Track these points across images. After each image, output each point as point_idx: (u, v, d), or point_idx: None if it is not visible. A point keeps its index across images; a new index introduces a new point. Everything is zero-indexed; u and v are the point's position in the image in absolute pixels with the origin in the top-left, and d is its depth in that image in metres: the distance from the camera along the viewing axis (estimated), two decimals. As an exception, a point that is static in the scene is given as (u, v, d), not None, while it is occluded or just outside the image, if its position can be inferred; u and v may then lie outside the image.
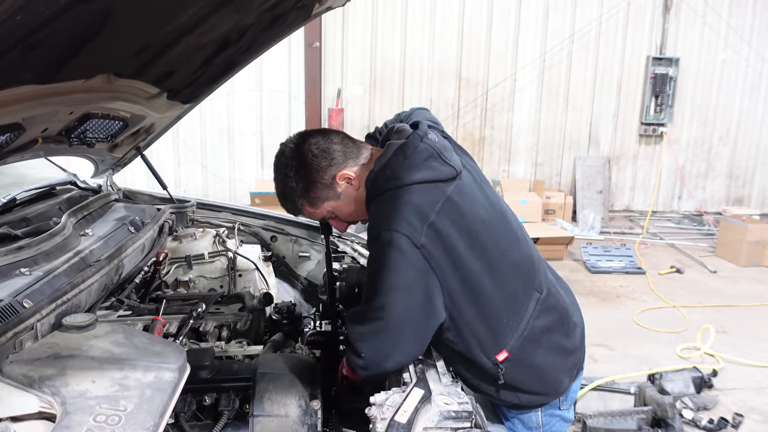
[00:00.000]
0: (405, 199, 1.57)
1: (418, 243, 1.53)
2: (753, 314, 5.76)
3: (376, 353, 1.58)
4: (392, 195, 1.60)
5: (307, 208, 1.77)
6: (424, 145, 1.64)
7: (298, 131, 1.82)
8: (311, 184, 1.70)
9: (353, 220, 1.84)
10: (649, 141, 9.66)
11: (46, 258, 1.81)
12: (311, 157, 1.70)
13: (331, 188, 1.71)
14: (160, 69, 1.95)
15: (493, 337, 1.68)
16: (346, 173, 1.70)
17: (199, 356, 1.70)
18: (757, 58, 9.47)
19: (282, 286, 3.02)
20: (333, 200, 1.74)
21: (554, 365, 1.79)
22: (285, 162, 1.74)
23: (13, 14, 0.90)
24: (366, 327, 1.58)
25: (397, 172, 1.61)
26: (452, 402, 1.41)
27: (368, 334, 1.58)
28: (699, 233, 8.88)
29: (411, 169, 1.60)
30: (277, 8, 1.90)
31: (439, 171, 1.62)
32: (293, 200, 1.75)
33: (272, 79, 8.78)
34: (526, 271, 1.74)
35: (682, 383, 4.02)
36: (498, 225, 1.71)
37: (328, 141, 1.72)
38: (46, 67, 1.38)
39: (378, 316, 1.55)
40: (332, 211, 1.77)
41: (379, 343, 1.57)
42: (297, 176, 1.70)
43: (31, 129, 1.69)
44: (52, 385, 1.23)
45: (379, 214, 1.61)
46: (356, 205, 1.76)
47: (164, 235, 2.55)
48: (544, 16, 9.08)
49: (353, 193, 1.73)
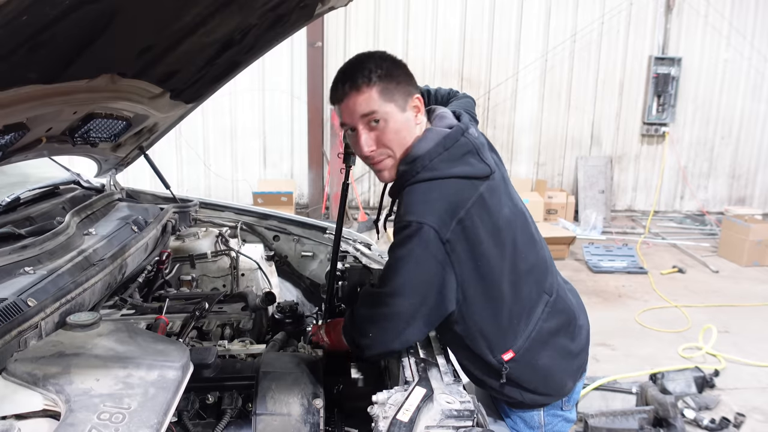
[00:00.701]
0: (439, 193, 1.57)
1: (444, 238, 1.53)
2: (755, 314, 5.75)
3: (382, 335, 1.63)
4: (427, 186, 1.58)
5: (375, 92, 1.59)
6: (465, 140, 1.64)
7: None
8: (397, 79, 1.62)
9: (387, 143, 1.65)
10: (652, 141, 9.65)
11: (50, 257, 1.82)
12: (407, 69, 1.68)
13: (405, 98, 1.64)
14: (164, 69, 1.96)
15: (501, 336, 1.69)
16: (420, 98, 1.69)
17: (202, 355, 1.71)
18: (759, 57, 9.46)
19: (284, 286, 3.03)
20: (398, 109, 1.62)
21: (559, 367, 1.80)
22: (379, 53, 1.67)
23: (18, 15, 0.91)
24: (377, 310, 1.63)
25: (435, 162, 1.59)
26: (454, 401, 1.41)
27: (378, 316, 1.62)
28: (701, 233, 8.88)
29: (449, 161, 1.60)
30: (279, 8, 1.91)
31: (475, 168, 1.62)
32: (371, 74, 1.60)
33: (275, 78, 8.79)
34: (539, 273, 1.75)
35: (683, 383, 4.03)
36: (519, 226, 1.71)
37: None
38: (50, 67, 1.39)
39: (391, 302, 1.59)
40: (388, 116, 1.61)
41: (387, 327, 1.62)
42: (391, 63, 1.64)
43: (35, 128, 1.70)
44: (56, 383, 1.23)
45: (411, 202, 1.58)
46: (402, 134, 1.64)
47: (167, 234, 2.56)
48: (546, 16, 9.08)
49: (412, 122, 1.66)
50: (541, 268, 1.76)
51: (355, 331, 1.70)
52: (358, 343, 1.70)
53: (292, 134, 9.06)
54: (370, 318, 1.65)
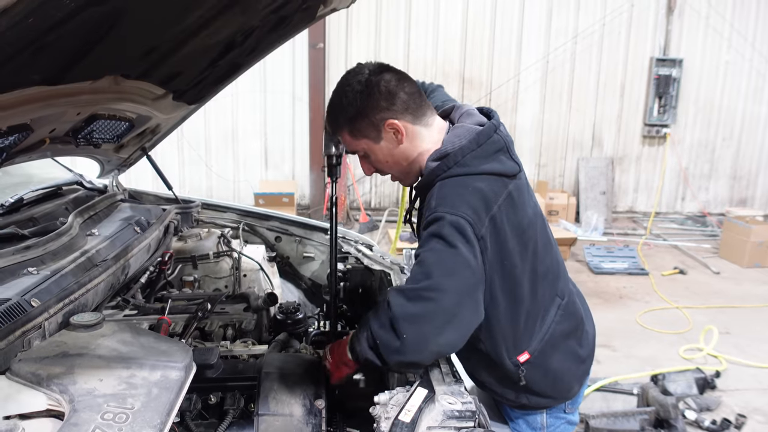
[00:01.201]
0: (473, 187, 1.57)
1: (479, 234, 1.51)
2: (756, 315, 5.75)
3: (418, 338, 1.46)
4: (461, 181, 1.59)
5: (346, 135, 1.71)
6: (498, 137, 1.65)
7: (382, 63, 1.73)
8: (362, 115, 1.65)
9: (383, 170, 1.78)
10: (653, 142, 9.65)
11: (53, 257, 1.82)
12: (376, 91, 1.64)
13: (375, 129, 1.66)
14: (167, 70, 1.97)
15: (519, 337, 1.70)
16: (396, 124, 1.65)
17: (205, 355, 1.71)
18: (760, 59, 9.46)
19: (286, 287, 3.03)
20: (373, 141, 1.69)
21: (569, 372, 1.82)
22: (353, 82, 1.67)
23: (24, 17, 0.92)
24: (417, 306, 1.46)
25: (468, 159, 1.60)
26: (456, 401, 1.42)
27: (418, 315, 1.46)
28: (702, 234, 8.88)
29: (482, 158, 1.61)
30: (282, 10, 1.91)
31: (506, 165, 1.63)
32: (337, 119, 1.71)
33: (276, 80, 8.80)
34: (554, 276, 1.77)
35: (684, 384, 4.03)
36: (539, 227, 1.72)
37: (400, 86, 1.66)
38: (55, 69, 1.40)
39: (432, 297, 1.46)
40: (367, 151, 1.72)
41: (426, 328, 1.46)
42: (354, 100, 1.65)
43: (38, 130, 1.71)
44: (60, 383, 1.24)
45: (445, 195, 1.57)
46: (392, 159, 1.72)
47: (170, 235, 2.56)
48: (547, 18, 9.08)
49: (394, 145, 1.69)
50: (555, 271, 1.78)
51: (383, 334, 1.50)
52: (386, 348, 1.50)
53: (294, 135, 9.07)
54: (408, 317, 1.46)
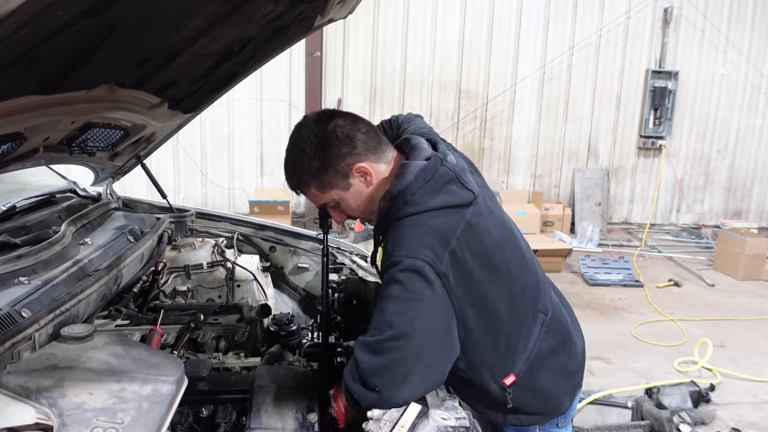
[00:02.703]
0: (427, 225, 1.52)
1: (440, 272, 1.47)
2: (751, 328, 5.75)
3: (392, 386, 1.44)
4: (414, 221, 1.54)
5: (313, 190, 1.64)
6: (444, 169, 1.58)
7: (324, 108, 1.69)
8: (326, 167, 1.59)
9: (355, 215, 1.73)
10: (648, 154, 9.69)
11: (45, 267, 1.81)
12: (334, 139, 1.58)
13: (344, 177, 1.61)
14: (162, 79, 1.96)
15: (502, 361, 1.65)
16: (363, 167, 1.61)
17: (197, 367, 1.70)
18: (755, 72, 9.53)
19: (280, 297, 3.02)
20: (342, 190, 1.64)
21: (558, 387, 1.78)
22: (306, 136, 1.59)
23: (18, 29, 0.91)
24: (382, 358, 1.44)
25: (417, 197, 1.55)
26: (450, 417, 1.41)
27: (385, 366, 1.44)
28: (697, 246, 8.89)
29: (431, 193, 1.55)
30: (279, 20, 1.91)
31: (459, 196, 1.58)
32: (300, 177, 1.63)
33: (273, 88, 8.81)
34: (533, 292, 1.72)
35: (679, 397, 4.02)
36: (509, 247, 1.68)
37: (355, 128, 1.61)
38: (49, 79, 1.39)
39: (397, 345, 1.44)
40: (337, 200, 1.67)
41: (396, 376, 1.45)
42: (314, 154, 1.57)
43: (32, 138, 1.70)
44: (49, 397, 1.22)
45: (399, 238, 1.53)
46: (363, 202, 1.67)
47: (163, 244, 2.55)
48: (544, 29, 9.13)
49: (364, 188, 1.65)
50: (535, 287, 1.73)
51: (358, 389, 1.47)
52: (365, 400, 1.47)
53: (290, 143, 9.06)
54: (376, 370, 1.44)
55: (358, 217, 1.76)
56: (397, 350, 1.44)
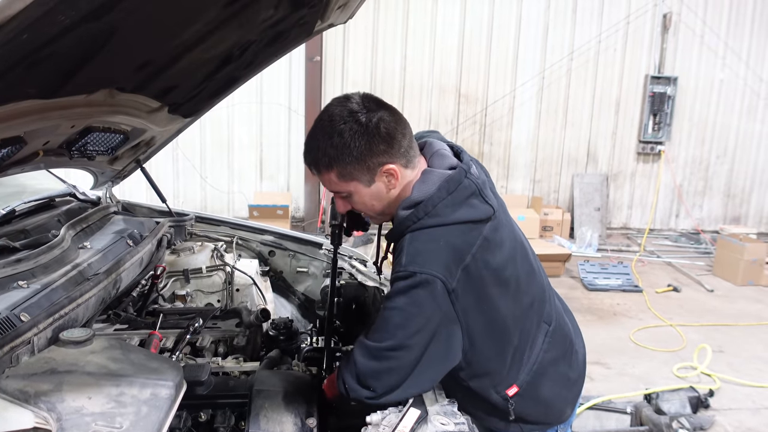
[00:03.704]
0: (444, 241, 1.49)
1: (450, 288, 1.46)
2: (750, 334, 5.75)
3: (387, 389, 1.50)
4: (432, 234, 1.50)
5: (333, 176, 1.55)
6: (468, 182, 1.56)
7: (370, 95, 1.57)
8: (358, 159, 1.51)
9: (363, 211, 1.67)
10: (647, 159, 9.70)
11: (44, 271, 1.80)
12: (376, 134, 1.50)
13: (370, 174, 1.54)
14: (162, 84, 1.96)
15: (506, 372, 1.64)
16: (393, 169, 1.54)
17: (196, 372, 1.69)
18: (754, 78, 9.54)
19: (279, 302, 3.01)
20: (363, 185, 1.56)
21: (560, 396, 1.78)
22: (347, 119, 1.50)
23: (19, 33, 0.91)
24: (382, 364, 1.49)
25: (439, 208, 1.52)
26: (449, 422, 1.41)
27: (383, 371, 1.49)
28: (696, 252, 8.89)
29: (454, 206, 1.52)
30: (279, 25, 1.92)
31: (479, 210, 1.55)
32: (325, 159, 1.53)
33: (273, 92, 8.82)
34: (539, 303, 1.71)
35: (678, 403, 4.01)
36: (519, 258, 1.66)
37: (398, 127, 1.55)
38: (49, 83, 1.39)
39: (396, 356, 1.48)
40: (352, 192, 1.59)
41: (392, 381, 1.50)
42: (351, 141, 1.49)
43: (32, 142, 1.70)
44: (48, 401, 1.22)
45: (415, 251, 1.49)
46: (380, 203, 1.61)
47: (162, 248, 2.54)
48: (543, 34, 9.15)
49: (385, 191, 1.58)
50: (541, 297, 1.73)
51: (354, 386, 1.53)
52: (360, 397, 1.53)
53: (289, 147, 9.07)
54: (373, 374, 1.49)
55: (362, 212, 1.70)
56: (396, 359, 1.49)
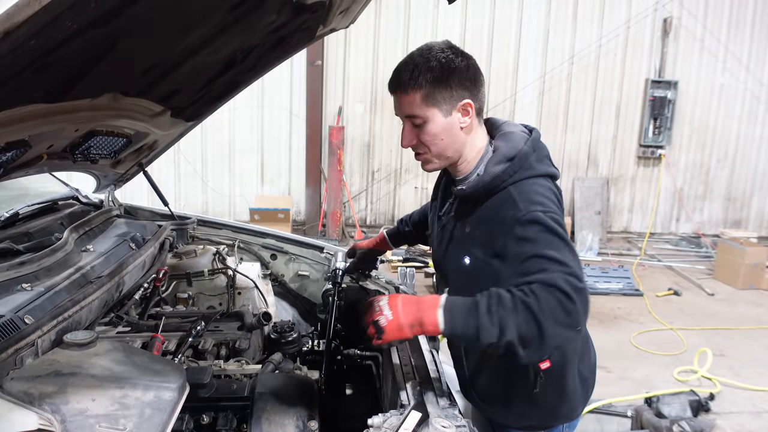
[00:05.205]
0: (546, 188, 1.62)
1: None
2: (751, 337, 5.75)
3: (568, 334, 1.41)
4: (534, 183, 1.62)
5: (418, 96, 1.62)
6: (543, 144, 1.72)
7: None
8: (448, 83, 1.61)
9: (427, 145, 1.68)
10: (648, 163, 9.70)
11: (48, 274, 1.82)
12: (466, 70, 1.64)
13: (451, 103, 1.63)
14: (166, 88, 1.98)
15: None
16: (470, 104, 1.64)
17: (198, 375, 1.70)
18: (755, 82, 9.55)
19: (281, 305, 3.02)
20: (441, 114, 1.63)
21: (575, 393, 1.83)
22: (447, 51, 1.63)
23: (27, 40, 0.93)
24: (571, 259, 1.46)
25: (532, 162, 1.65)
26: (450, 425, 1.41)
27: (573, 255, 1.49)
28: (697, 255, 8.89)
29: (540, 162, 1.67)
30: (281, 30, 1.93)
31: (554, 170, 1.70)
32: (420, 77, 1.61)
33: (274, 96, 8.84)
34: None
35: (679, 406, 4.01)
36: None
37: (481, 78, 1.69)
38: (55, 88, 1.40)
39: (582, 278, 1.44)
40: (428, 120, 1.64)
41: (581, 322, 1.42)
42: (446, 66, 1.61)
43: (36, 146, 1.71)
44: (52, 403, 1.23)
45: (528, 197, 1.57)
46: (445, 140, 1.66)
47: (165, 251, 2.56)
48: (544, 38, 9.17)
49: (456, 127, 1.65)
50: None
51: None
52: (524, 340, 1.36)
53: (290, 151, 9.09)
54: (573, 263, 1.44)
55: (424, 150, 1.71)
56: (576, 282, 1.41)
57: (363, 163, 9.31)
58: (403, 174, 9.35)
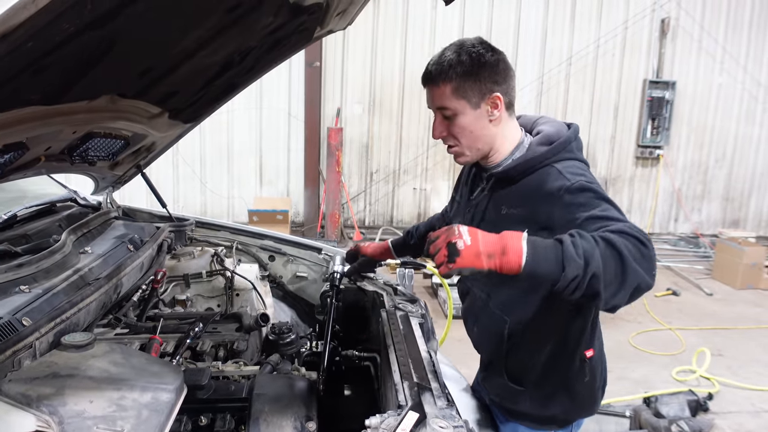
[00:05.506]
0: (588, 171, 1.69)
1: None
2: (749, 337, 5.76)
3: (642, 276, 1.42)
4: (577, 164, 1.68)
5: (448, 89, 1.70)
6: (581, 138, 1.80)
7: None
8: (477, 76, 1.68)
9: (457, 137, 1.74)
10: (646, 163, 9.72)
11: (46, 276, 1.82)
12: (496, 64, 1.70)
13: (480, 96, 1.69)
14: (163, 90, 1.98)
15: (591, 330, 1.82)
16: (499, 97, 1.70)
17: (196, 376, 1.71)
18: (752, 82, 9.57)
19: (279, 306, 3.02)
20: (470, 106, 1.70)
21: (599, 385, 1.91)
22: (479, 46, 1.71)
23: (24, 42, 0.93)
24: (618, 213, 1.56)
25: (574, 149, 1.72)
26: (447, 425, 1.41)
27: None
28: (695, 255, 8.90)
29: (579, 151, 1.74)
30: (279, 31, 1.93)
31: (587, 162, 1.76)
32: (447, 70, 1.69)
33: (272, 97, 8.84)
34: None
35: (677, 406, 4.02)
36: None
37: (511, 73, 1.76)
38: (52, 90, 1.41)
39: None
40: (458, 113, 1.70)
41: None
42: (479, 59, 1.68)
43: (34, 148, 1.72)
44: (50, 405, 1.23)
45: (573, 172, 1.64)
46: (475, 131, 1.72)
47: (163, 253, 2.56)
48: (542, 39, 9.18)
49: (485, 119, 1.71)
50: None
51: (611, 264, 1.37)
52: (608, 278, 1.36)
53: (289, 152, 9.09)
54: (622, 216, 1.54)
55: (454, 142, 1.77)
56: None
57: (361, 165, 9.31)
58: (402, 175, 9.36)
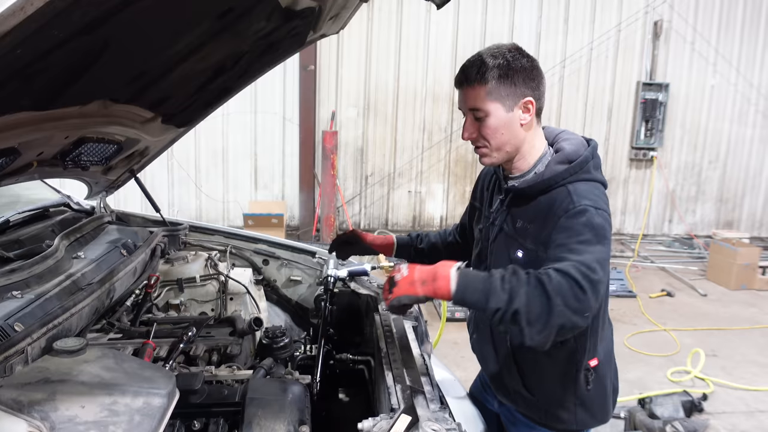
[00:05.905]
0: (601, 192, 1.72)
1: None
2: (743, 338, 5.78)
3: (568, 318, 1.46)
4: (591, 186, 1.71)
5: (482, 90, 1.70)
6: (599, 155, 1.81)
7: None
8: (512, 80, 1.69)
9: (487, 138, 1.75)
10: (640, 165, 9.75)
11: (38, 281, 1.82)
12: (531, 70, 1.72)
13: (513, 99, 1.71)
14: (156, 94, 1.98)
15: (594, 339, 1.80)
16: (531, 102, 1.72)
17: (189, 380, 1.70)
18: (745, 83, 9.62)
19: (273, 310, 3.02)
20: (503, 109, 1.71)
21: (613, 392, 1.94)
22: (515, 51, 1.73)
23: (13, 48, 0.93)
24: (595, 253, 1.55)
25: (590, 167, 1.74)
26: (440, 428, 1.41)
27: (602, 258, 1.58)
28: (689, 256, 8.93)
29: (596, 170, 1.76)
30: (271, 36, 1.94)
31: (605, 179, 1.78)
32: (483, 72, 1.69)
33: (267, 101, 8.84)
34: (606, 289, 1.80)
35: (672, 407, 4.03)
36: None
37: (543, 80, 1.78)
38: (43, 95, 1.41)
39: (594, 272, 1.52)
40: (490, 114, 1.71)
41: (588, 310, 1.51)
42: (516, 63, 1.70)
43: (26, 153, 1.72)
44: (41, 410, 1.23)
45: (583, 194, 1.66)
46: (505, 135, 1.73)
47: (156, 258, 2.55)
48: (536, 42, 9.21)
49: (516, 123, 1.73)
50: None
51: (536, 302, 1.43)
52: (532, 314, 1.43)
53: (284, 156, 9.09)
54: (598, 260, 1.53)
55: (483, 143, 1.77)
56: (595, 274, 1.51)
57: (356, 168, 9.32)
58: (397, 178, 9.37)
